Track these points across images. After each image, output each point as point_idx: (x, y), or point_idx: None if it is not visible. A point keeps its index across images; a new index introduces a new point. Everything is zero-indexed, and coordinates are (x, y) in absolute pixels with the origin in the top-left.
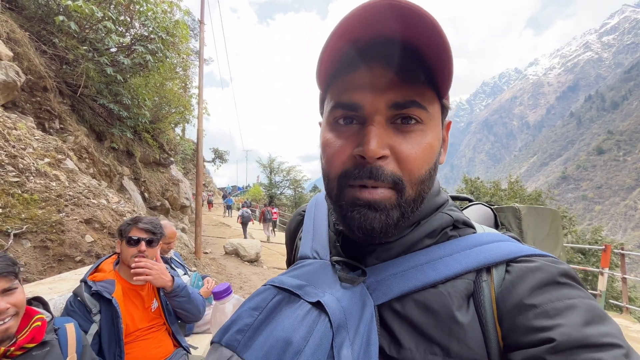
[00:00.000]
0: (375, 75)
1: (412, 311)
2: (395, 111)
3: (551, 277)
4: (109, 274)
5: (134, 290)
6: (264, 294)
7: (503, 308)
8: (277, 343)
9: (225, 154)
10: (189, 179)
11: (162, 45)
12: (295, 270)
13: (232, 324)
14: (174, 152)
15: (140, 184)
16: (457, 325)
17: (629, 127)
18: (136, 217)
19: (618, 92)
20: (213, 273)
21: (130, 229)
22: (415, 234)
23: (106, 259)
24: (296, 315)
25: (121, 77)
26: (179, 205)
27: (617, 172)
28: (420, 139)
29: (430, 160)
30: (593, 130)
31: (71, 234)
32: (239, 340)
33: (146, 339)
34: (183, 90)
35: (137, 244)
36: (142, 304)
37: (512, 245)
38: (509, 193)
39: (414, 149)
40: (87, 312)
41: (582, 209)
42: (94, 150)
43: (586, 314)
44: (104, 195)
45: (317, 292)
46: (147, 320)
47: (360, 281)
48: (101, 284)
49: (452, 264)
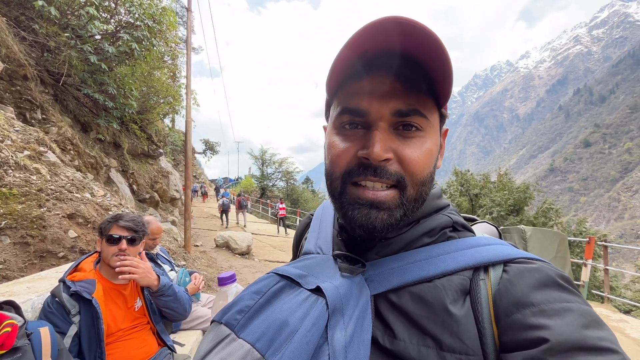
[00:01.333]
0: (380, 84)
1: (407, 302)
2: (398, 118)
3: (550, 278)
4: (89, 273)
5: (116, 289)
6: (266, 280)
7: (500, 305)
8: (274, 323)
9: (216, 145)
10: (179, 170)
11: (149, 33)
12: (298, 262)
13: (233, 305)
14: (163, 144)
15: (128, 176)
16: (451, 318)
17: (614, 121)
18: (117, 215)
19: (606, 86)
20: (203, 266)
21: (111, 227)
22: (414, 231)
23: (86, 258)
24: (295, 300)
25: (106, 66)
26: (169, 198)
27: (602, 165)
28: (420, 144)
29: (430, 164)
30: (580, 123)
31: (53, 230)
32: (238, 319)
33: (129, 339)
34: (172, 80)
35: (118, 242)
36: (125, 303)
37: (510, 248)
38: (498, 185)
39: (415, 153)
40: (66, 313)
41: (568, 200)
42: (79, 142)
43: (583, 317)
44: (88, 188)
45: (317, 280)
46: (129, 320)
47: (359, 272)
48: (81, 284)
49: (448, 261)
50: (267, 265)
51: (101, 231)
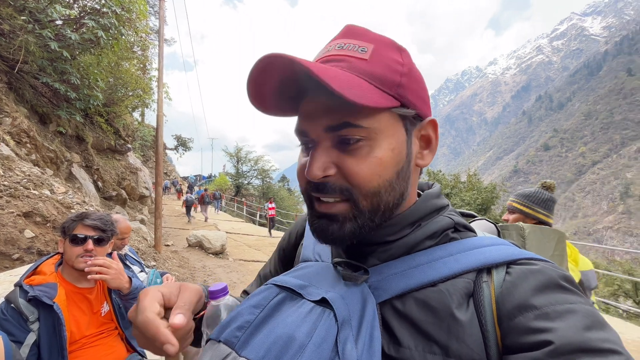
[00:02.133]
0: (312, 104)
1: (412, 309)
2: (333, 133)
3: (552, 280)
4: (49, 276)
5: (80, 294)
6: (265, 293)
7: (503, 308)
8: (279, 339)
9: (188, 142)
10: (149, 167)
11: (117, 20)
12: (297, 271)
13: (231, 321)
14: (132, 139)
15: (92, 172)
16: (456, 323)
17: (571, 127)
18: (82, 213)
19: (564, 93)
20: (175, 267)
21: (75, 226)
22: (416, 235)
23: (46, 260)
24: (299, 313)
25: (68, 54)
26: (138, 195)
27: (560, 167)
28: (366, 154)
29: (383, 172)
30: (541, 128)
31: (7, 229)
32: (238, 337)
33: (95, 345)
34: (142, 72)
35: (84, 242)
36: (90, 308)
37: (512, 249)
38: (467, 185)
39: (359, 165)
40: (23, 320)
41: None
42: (36, 134)
43: (586, 319)
44: (47, 185)
45: (320, 291)
46: (95, 325)
47: (363, 280)
48: (40, 288)
49: (452, 263)
50: (242, 265)
51: (64, 231)
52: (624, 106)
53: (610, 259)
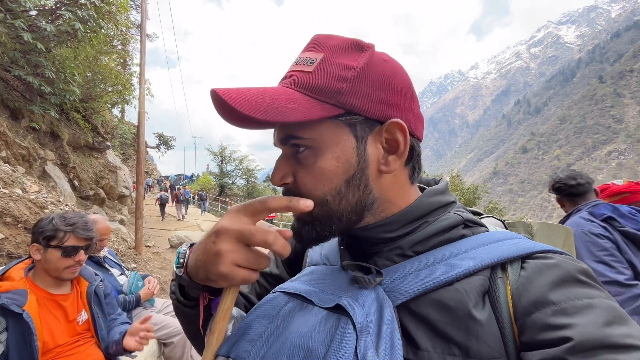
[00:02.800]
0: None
1: (428, 310)
2: (284, 145)
3: (570, 274)
4: (18, 282)
5: (54, 300)
6: (274, 301)
7: (519, 305)
8: (294, 351)
9: (171, 140)
10: (129, 165)
11: (95, 13)
12: (305, 277)
13: (240, 334)
14: (111, 136)
15: (68, 170)
16: (475, 323)
17: (547, 130)
18: (67, 219)
19: (540, 98)
20: (156, 269)
21: (67, 237)
22: (424, 232)
23: (15, 265)
24: (312, 322)
25: (42, 46)
26: (117, 195)
27: (536, 169)
28: (311, 165)
29: (326, 182)
30: (520, 131)
31: None
32: (249, 351)
33: (70, 354)
34: (122, 67)
35: (76, 253)
36: (65, 316)
37: (526, 242)
38: (450, 186)
39: (306, 176)
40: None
41: (508, 201)
42: (7, 130)
43: (607, 314)
44: (19, 183)
45: (332, 297)
46: (71, 334)
47: (377, 282)
48: (7, 296)
49: (467, 260)
50: None
51: (48, 240)
52: (596, 111)
53: None
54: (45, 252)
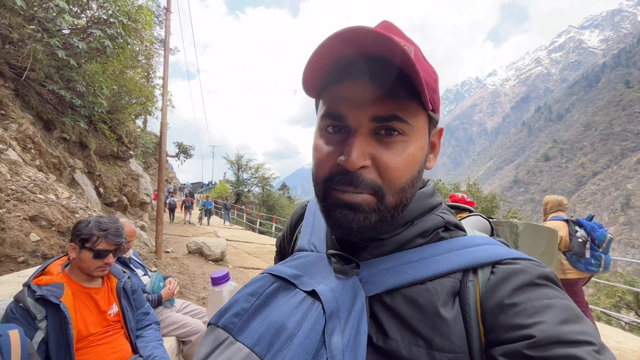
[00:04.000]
0: (359, 89)
1: (400, 305)
2: (377, 124)
3: (531, 278)
4: (56, 276)
5: (87, 293)
6: (261, 281)
7: (486, 307)
8: (271, 327)
9: (190, 149)
10: (150, 173)
11: (123, 30)
12: (292, 261)
13: (229, 307)
14: (134, 145)
15: (94, 178)
16: (441, 321)
17: (570, 137)
18: (101, 225)
19: (563, 105)
20: (175, 273)
21: (99, 242)
22: (408, 232)
23: (54, 261)
24: (291, 303)
25: (75, 62)
26: (139, 202)
27: (560, 178)
28: (401, 149)
29: (412, 169)
30: (541, 138)
31: (13, 232)
32: (235, 323)
33: (102, 343)
34: (145, 80)
35: (106, 256)
36: (97, 307)
37: (499, 248)
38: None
39: (395, 159)
40: (31, 318)
41: (530, 210)
42: (40, 140)
43: (563, 313)
44: (52, 190)
45: (312, 282)
46: (102, 324)
47: (353, 273)
48: (47, 288)
49: (441, 262)
50: (242, 272)
51: (83, 241)
52: (623, 117)
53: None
54: (80, 252)
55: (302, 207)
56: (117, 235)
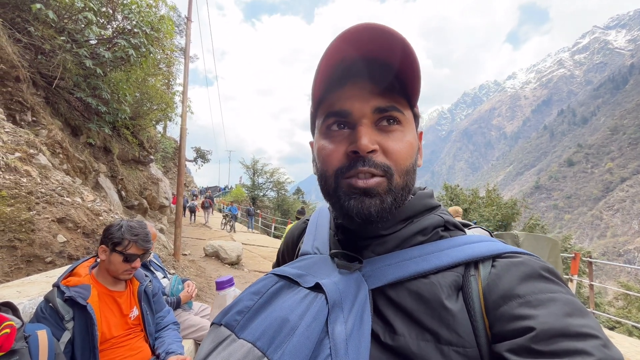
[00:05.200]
0: (359, 87)
1: (405, 299)
2: (379, 114)
3: (534, 270)
4: (84, 278)
5: (111, 296)
6: (265, 281)
7: (489, 299)
8: (274, 322)
9: (207, 154)
10: (169, 177)
11: (146, 40)
12: (296, 263)
13: (232, 306)
14: (154, 150)
15: (117, 181)
16: (447, 313)
17: (596, 142)
18: (133, 230)
19: (587, 108)
20: (192, 275)
21: (131, 246)
22: (408, 230)
23: (82, 263)
24: (294, 299)
25: (101, 71)
26: (158, 205)
27: (585, 184)
28: (401, 137)
29: (412, 155)
30: (564, 143)
31: (42, 234)
32: (238, 320)
33: (122, 346)
34: (166, 87)
35: (134, 260)
36: (120, 311)
37: (498, 244)
38: (486, 201)
39: (398, 145)
40: (60, 319)
41: (553, 217)
42: (68, 146)
43: (567, 306)
44: (78, 193)
45: (315, 278)
46: (124, 327)
47: (356, 268)
48: (75, 289)
49: (442, 257)
50: (257, 276)
51: (114, 245)
52: None
53: None
54: (110, 254)
55: (304, 222)
56: (146, 241)
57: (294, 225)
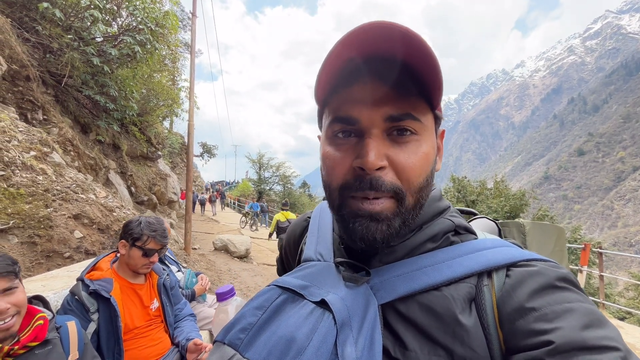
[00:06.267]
0: (370, 90)
1: (416, 313)
2: (391, 124)
3: (550, 280)
4: (106, 272)
5: (132, 289)
6: (267, 294)
7: (504, 312)
8: (280, 341)
9: (213, 149)
10: (177, 173)
11: (152, 36)
12: (299, 272)
13: (235, 322)
14: (162, 146)
15: (126, 178)
16: (461, 328)
17: (608, 130)
18: (151, 226)
19: (599, 95)
20: (202, 269)
21: (149, 241)
22: (417, 237)
23: (103, 258)
24: (300, 315)
25: (108, 68)
26: (167, 200)
27: (595, 173)
28: (416, 148)
29: (427, 168)
30: (574, 132)
31: (59, 230)
32: (241, 339)
33: (145, 336)
34: (171, 83)
35: (152, 255)
36: (141, 302)
37: (512, 250)
38: (494, 192)
39: (411, 159)
40: (85, 311)
41: (562, 208)
42: (79, 143)
43: (585, 317)
44: (91, 189)
45: (321, 292)
46: (145, 318)
47: (364, 281)
48: (99, 283)
49: (454, 266)
50: (266, 269)
51: (134, 240)
52: None
53: None
54: (130, 249)
55: (305, 219)
56: (164, 237)
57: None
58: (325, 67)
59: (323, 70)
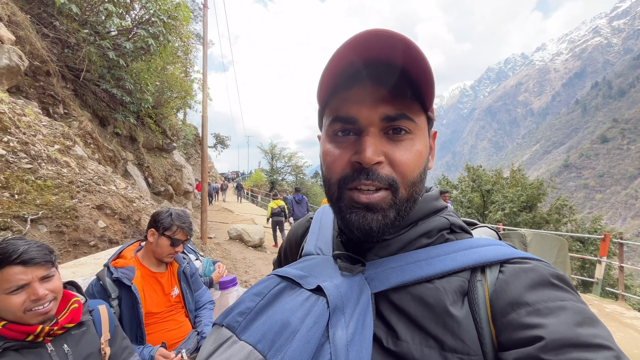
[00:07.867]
0: (368, 92)
1: (409, 304)
2: (387, 123)
3: (544, 277)
4: (129, 260)
5: (154, 277)
6: (267, 282)
7: (496, 306)
8: (275, 324)
9: (226, 139)
10: (191, 164)
11: (164, 28)
12: (299, 264)
13: (234, 307)
14: (177, 138)
15: (144, 169)
16: (452, 319)
17: (634, 115)
18: (181, 217)
19: (626, 79)
20: (218, 258)
21: (178, 232)
22: (412, 232)
23: (128, 247)
24: (296, 301)
25: (123, 62)
26: (182, 191)
27: (620, 161)
28: (410, 146)
29: (421, 165)
30: (598, 118)
31: (84, 220)
32: (239, 321)
33: (167, 320)
34: (184, 75)
35: (179, 245)
36: (162, 289)
37: (506, 248)
38: (510, 181)
39: (405, 155)
40: (107, 296)
41: (582, 197)
42: (98, 136)
43: (577, 315)
44: (112, 181)
45: (317, 280)
46: (166, 305)
47: (359, 271)
48: (122, 271)
49: (447, 261)
50: None
51: (164, 229)
52: None
53: None
54: (159, 238)
55: (307, 220)
56: (191, 229)
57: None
58: (328, 69)
59: (326, 72)
